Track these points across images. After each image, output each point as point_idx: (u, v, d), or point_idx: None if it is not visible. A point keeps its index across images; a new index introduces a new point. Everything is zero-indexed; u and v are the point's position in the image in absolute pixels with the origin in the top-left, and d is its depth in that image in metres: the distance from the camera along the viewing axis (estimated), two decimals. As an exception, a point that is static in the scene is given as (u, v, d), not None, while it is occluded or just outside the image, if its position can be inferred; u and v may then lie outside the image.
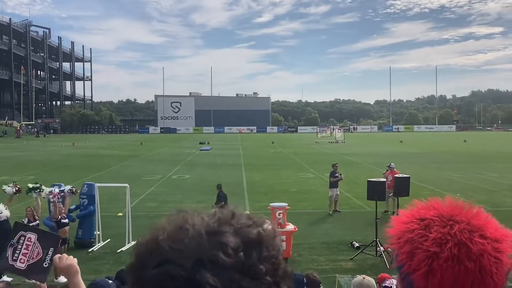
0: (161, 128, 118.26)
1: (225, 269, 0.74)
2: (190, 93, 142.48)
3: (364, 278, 4.77)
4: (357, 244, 11.68)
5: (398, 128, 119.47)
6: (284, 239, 10.14)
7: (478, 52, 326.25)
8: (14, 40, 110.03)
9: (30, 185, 10.93)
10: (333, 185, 16.08)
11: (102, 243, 12.19)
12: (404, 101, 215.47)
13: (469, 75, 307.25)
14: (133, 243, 12.09)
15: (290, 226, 10.99)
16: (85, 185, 12.82)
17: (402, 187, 12.50)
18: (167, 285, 0.75)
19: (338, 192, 16.14)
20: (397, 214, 1.15)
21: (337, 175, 16.21)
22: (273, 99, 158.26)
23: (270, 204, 11.59)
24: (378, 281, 5.71)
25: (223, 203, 12.95)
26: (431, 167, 29.27)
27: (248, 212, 0.87)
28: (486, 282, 0.95)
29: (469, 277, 0.94)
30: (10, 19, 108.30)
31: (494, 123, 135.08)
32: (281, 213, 10.91)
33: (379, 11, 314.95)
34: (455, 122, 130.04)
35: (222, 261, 0.75)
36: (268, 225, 0.84)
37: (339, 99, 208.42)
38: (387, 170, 16.36)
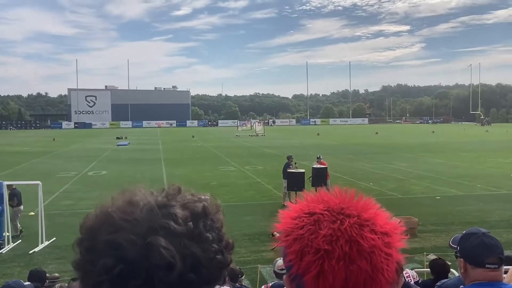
0: (75, 123, 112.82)
1: (176, 235, 0.79)
2: (106, 86, 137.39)
3: None
4: (278, 235, 11.93)
5: (315, 121, 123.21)
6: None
7: (387, 49, 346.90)
8: None
9: None
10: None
11: (12, 245, 11.49)
12: (320, 95, 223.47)
13: (380, 71, 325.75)
14: (46, 243, 11.51)
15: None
16: (-8, 184, 11.96)
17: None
18: (120, 250, 0.77)
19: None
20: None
21: (291, 166, 16.40)
22: (193, 93, 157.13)
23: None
24: None
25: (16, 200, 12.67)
26: (346, 158, 30.59)
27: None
28: (377, 279, 0.90)
29: (361, 276, 0.89)
30: None
31: (403, 116, 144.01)
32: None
33: (296, 7, 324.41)
34: (367, 116, 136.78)
35: (173, 228, 0.79)
36: (211, 201, 0.90)
37: (258, 93, 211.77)
38: (317, 162, 16.96)
